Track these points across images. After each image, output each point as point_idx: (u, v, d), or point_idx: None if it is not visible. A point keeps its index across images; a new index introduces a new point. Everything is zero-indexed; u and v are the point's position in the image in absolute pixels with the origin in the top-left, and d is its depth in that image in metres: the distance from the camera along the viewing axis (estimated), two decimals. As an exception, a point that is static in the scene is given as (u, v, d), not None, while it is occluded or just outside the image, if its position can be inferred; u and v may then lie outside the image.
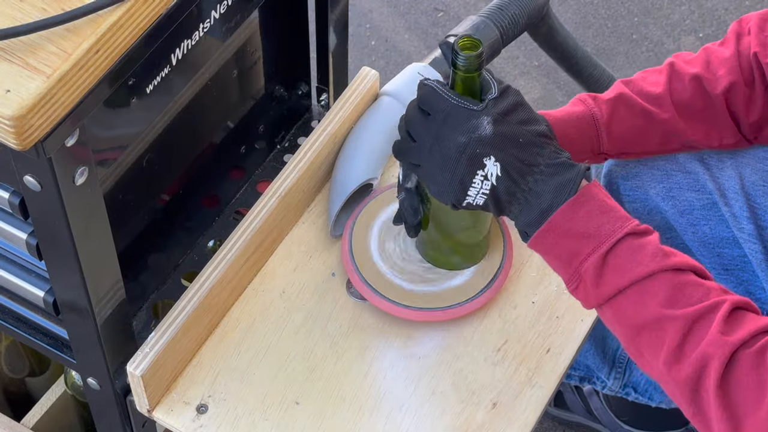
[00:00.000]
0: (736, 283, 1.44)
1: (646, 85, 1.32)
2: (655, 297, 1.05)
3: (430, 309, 1.28)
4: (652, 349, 1.06)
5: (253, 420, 1.23)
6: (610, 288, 1.06)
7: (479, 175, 1.09)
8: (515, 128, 1.09)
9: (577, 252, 1.07)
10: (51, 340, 1.26)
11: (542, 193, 1.08)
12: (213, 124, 1.38)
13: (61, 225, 1.02)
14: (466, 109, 1.09)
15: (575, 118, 1.31)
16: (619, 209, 1.09)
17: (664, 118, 1.32)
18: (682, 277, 1.06)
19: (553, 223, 1.08)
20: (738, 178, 1.39)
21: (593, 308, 1.10)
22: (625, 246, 1.06)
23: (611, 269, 1.06)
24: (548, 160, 1.08)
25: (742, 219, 1.38)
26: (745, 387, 1.01)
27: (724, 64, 1.32)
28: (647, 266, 1.05)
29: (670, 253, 1.07)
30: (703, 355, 1.03)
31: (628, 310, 1.06)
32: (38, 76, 0.91)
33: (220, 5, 1.13)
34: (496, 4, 1.60)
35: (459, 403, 1.25)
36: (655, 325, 1.05)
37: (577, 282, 1.08)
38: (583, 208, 1.07)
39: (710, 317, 1.04)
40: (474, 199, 1.10)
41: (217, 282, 1.25)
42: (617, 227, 1.07)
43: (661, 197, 1.43)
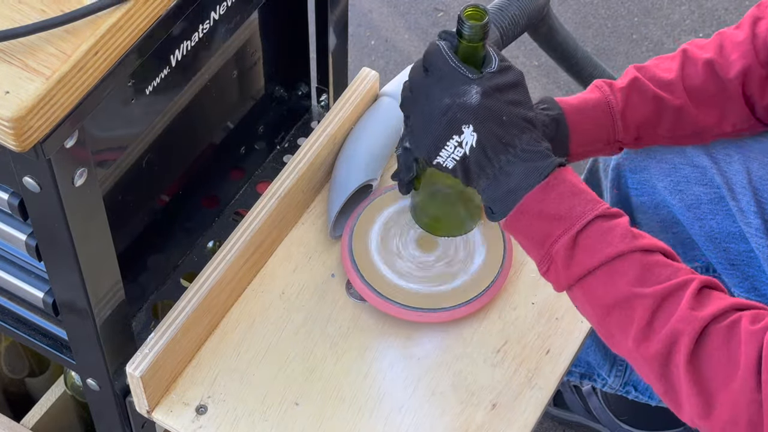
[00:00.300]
0: (742, 278, 1.44)
1: (659, 71, 1.33)
2: (625, 276, 1.06)
3: (429, 310, 1.28)
4: (621, 328, 1.07)
5: (253, 421, 1.23)
6: (580, 268, 1.07)
7: (454, 140, 1.10)
8: (502, 106, 1.10)
9: (549, 233, 1.08)
10: (50, 341, 1.26)
11: (511, 174, 1.09)
12: (213, 125, 1.38)
13: (61, 226, 1.02)
14: (461, 74, 1.10)
15: (591, 106, 1.31)
16: (590, 192, 1.10)
17: (675, 105, 1.32)
18: (651, 257, 1.07)
19: (526, 204, 1.09)
20: (746, 173, 1.39)
21: (564, 290, 1.11)
22: (596, 227, 1.07)
23: (581, 250, 1.07)
24: (525, 144, 1.09)
25: (750, 214, 1.39)
26: (716, 362, 1.02)
27: (738, 47, 1.32)
28: (617, 247, 1.06)
29: (638, 234, 1.08)
30: (672, 331, 1.03)
31: (598, 290, 1.07)
32: (37, 77, 0.91)
33: (219, 6, 1.13)
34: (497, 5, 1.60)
35: (458, 404, 1.25)
36: (625, 304, 1.06)
37: (548, 263, 1.09)
38: (555, 191, 1.08)
39: (679, 294, 1.04)
40: (444, 161, 1.11)
41: (217, 283, 1.25)
42: (588, 209, 1.08)
43: (668, 191, 1.43)
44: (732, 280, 1.45)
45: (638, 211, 1.47)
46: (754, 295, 1.44)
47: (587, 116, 1.30)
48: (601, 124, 1.31)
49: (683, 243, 1.47)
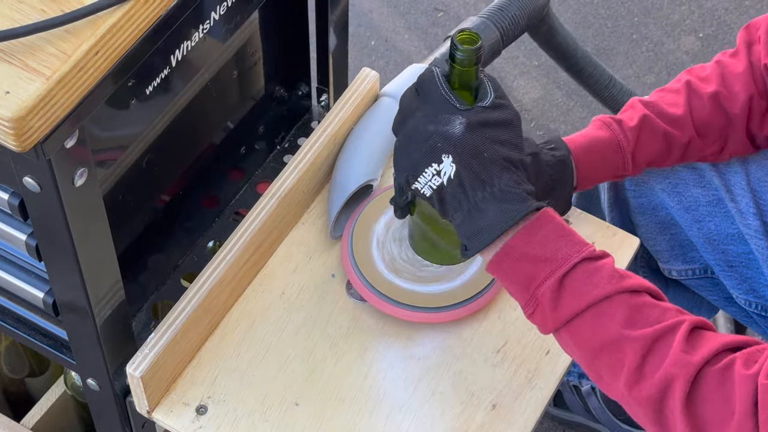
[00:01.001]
0: (741, 280, 1.44)
1: (667, 107, 1.33)
2: (613, 318, 1.05)
3: (430, 310, 1.28)
4: (611, 371, 1.06)
5: (253, 421, 1.23)
6: (567, 311, 1.06)
7: (433, 167, 1.09)
8: (484, 142, 1.08)
9: (534, 276, 1.07)
10: (50, 341, 1.25)
11: (485, 211, 1.07)
12: (213, 125, 1.38)
13: (61, 226, 1.02)
14: (449, 103, 1.09)
15: (601, 146, 1.30)
16: (576, 234, 1.09)
17: (684, 141, 1.32)
18: (639, 298, 1.06)
19: (510, 246, 1.07)
20: (744, 174, 1.39)
21: (550, 333, 1.09)
22: (582, 269, 1.06)
23: (568, 292, 1.06)
24: (504, 185, 1.08)
25: (748, 215, 1.39)
26: (711, 404, 1.02)
27: (739, 78, 1.32)
28: (603, 288, 1.05)
29: (625, 275, 1.07)
30: (666, 376, 1.02)
31: (585, 333, 1.06)
32: (37, 77, 0.91)
33: (219, 6, 1.13)
34: (497, 5, 1.60)
35: (458, 405, 1.25)
36: (614, 347, 1.05)
37: (534, 306, 1.08)
38: (540, 232, 1.07)
39: (670, 337, 1.04)
40: (422, 188, 1.10)
41: (217, 283, 1.25)
42: (574, 251, 1.07)
43: (666, 193, 1.43)
44: (730, 281, 1.45)
45: (636, 212, 1.47)
46: (752, 297, 1.44)
47: (596, 156, 1.30)
48: (610, 163, 1.31)
49: (681, 245, 1.47)
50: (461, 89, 1.10)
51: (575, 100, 2.38)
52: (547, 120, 2.35)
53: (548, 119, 2.35)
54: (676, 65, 2.43)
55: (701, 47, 2.46)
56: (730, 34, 2.48)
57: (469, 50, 1.09)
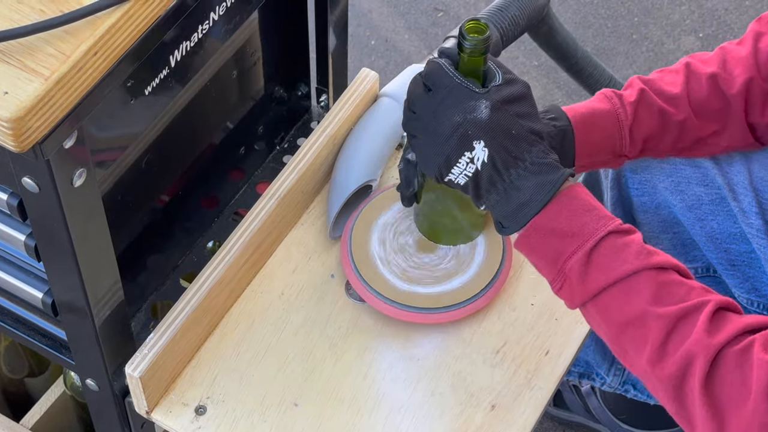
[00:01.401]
0: (743, 279, 1.44)
1: (664, 85, 1.33)
2: (640, 294, 1.06)
3: (429, 311, 1.28)
4: (635, 347, 1.07)
5: (252, 421, 1.23)
6: (594, 285, 1.07)
7: (466, 156, 1.09)
8: (511, 119, 1.09)
9: (562, 251, 1.08)
10: (50, 341, 1.25)
11: (522, 188, 1.09)
12: (212, 125, 1.38)
13: (60, 226, 1.02)
14: (468, 89, 1.09)
15: (600, 118, 1.30)
16: (602, 208, 1.09)
17: (679, 119, 1.32)
18: (666, 275, 1.07)
19: (537, 223, 1.08)
20: (747, 173, 1.39)
21: (577, 307, 1.10)
22: (609, 244, 1.07)
23: (596, 267, 1.07)
24: (535, 157, 1.09)
25: (751, 214, 1.39)
26: (729, 385, 1.02)
27: (740, 62, 1.32)
28: (632, 264, 1.06)
29: (653, 252, 1.08)
30: (687, 354, 1.03)
31: (612, 308, 1.07)
32: (36, 78, 0.91)
33: (219, 6, 1.13)
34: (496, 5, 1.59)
35: (458, 405, 1.25)
36: (640, 323, 1.06)
37: (561, 281, 1.09)
38: (567, 208, 1.08)
39: (695, 316, 1.04)
40: (456, 178, 1.11)
41: (216, 283, 1.25)
42: (600, 225, 1.07)
43: (669, 191, 1.43)
44: (732, 280, 1.45)
45: (639, 211, 1.47)
46: (754, 296, 1.44)
47: (595, 127, 1.30)
48: (609, 135, 1.31)
49: (684, 243, 1.47)
50: (471, 76, 1.11)
51: (575, 100, 2.38)
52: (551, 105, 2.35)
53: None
54: (676, 65, 2.43)
55: (701, 47, 2.46)
56: (730, 34, 2.48)
57: (478, 39, 1.10)
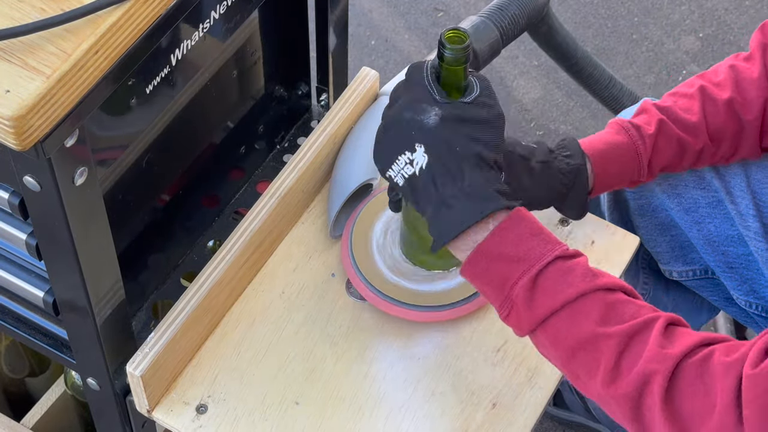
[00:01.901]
0: (741, 281, 1.44)
1: (681, 113, 1.32)
2: (588, 316, 1.04)
3: (429, 309, 1.28)
4: (588, 370, 1.05)
5: (253, 420, 1.23)
6: (542, 310, 1.06)
7: (406, 155, 1.09)
8: (458, 137, 1.08)
9: (508, 276, 1.06)
10: (51, 340, 1.26)
11: (452, 207, 1.07)
12: (213, 124, 1.38)
13: (61, 225, 1.02)
14: (428, 93, 1.09)
15: (619, 152, 1.29)
16: (549, 233, 1.08)
17: (697, 148, 1.32)
18: (613, 296, 1.05)
19: (483, 247, 1.07)
20: (744, 176, 1.39)
21: (526, 334, 1.09)
22: (555, 268, 1.06)
23: (542, 292, 1.05)
24: (473, 181, 1.07)
25: (748, 217, 1.38)
26: (691, 397, 1.00)
27: (754, 84, 1.31)
28: (578, 287, 1.05)
29: (599, 273, 1.07)
30: (644, 372, 1.02)
31: (561, 332, 1.05)
32: (38, 76, 0.91)
33: (219, 5, 1.13)
34: (496, 5, 1.60)
35: (458, 404, 1.25)
36: (590, 345, 1.04)
37: (509, 308, 1.07)
38: (513, 232, 1.07)
39: (646, 333, 1.03)
40: (395, 176, 1.10)
41: (217, 282, 1.25)
42: (547, 250, 1.06)
43: (666, 194, 1.43)
44: (731, 283, 1.45)
45: (636, 214, 1.47)
46: (753, 298, 1.44)
47: (614, 161, 1.29)
48: (627, 169, 1.30)
49: (681, 246, 1.47)
50: (450, 88, 1.10)
51: (575, 100, 2.38)
52: (547, 120, 2.35)
53: (548, 119, 2.35)
54: (676, 65, 2.43)
55: (701, 47, 2.46)
56: (730, 34, 2.48)
57: (457, 49, 1.08)
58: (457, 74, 1.09)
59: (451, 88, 1.10)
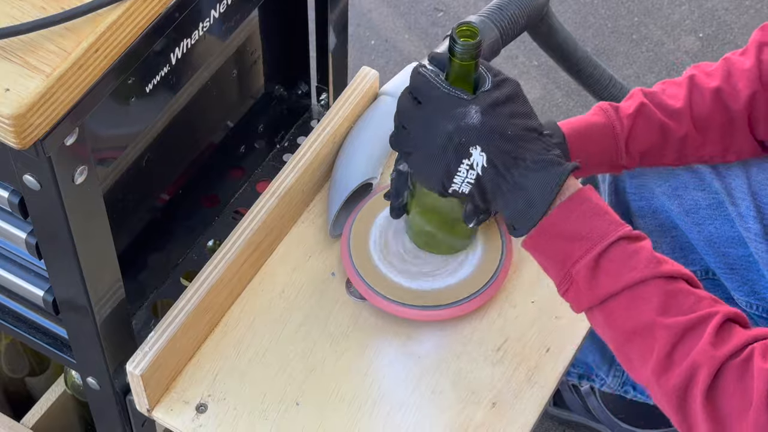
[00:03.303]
0: (741, 282, 1.44)
1: (666, 98, 1.32)
2: (648, 303, 1.05)
3: (429, 308, 1.28)
4: (641, 356, 1.06)
5: (253, 419, 1.23)
6: (602, 291, 1.06)
7: (465, 164, 1.09)
8: (504, 120, 1.08)
9: (570, 253, 1.07)
10: (50, 340, 1.26)
11: (527, 187, 1.08)
12: (212, 124, 1.38)
13: (61, 224, 1.02)
14: (456, 97, 1.09)
15: (595, 131, 1.30)
16: (613, 213, 1.08)
17: (680, 134, 1.32)
18: (675, 285, 1.06)
19: (546, 224, 1.08)
20: (745, 178, 1.39)
21: (583, 311, 1.10)
22: (619, 250, 1.06)
23: (604, 272, 1.06)
24: (535, 155, 1.08)
25: (749, 218, 1.38)
26: (731, 396, 1.02)
27: (744, 75, 1.31)
28: (641, 272, 1.05)
29: (662, 260, 1.07)
30: (692, 365, 1.03)
31: (619, 315, 1.06)
32: (38, 75, 0.91)
33: (219, 5, 1.13)
34: (496, 4, 1.60)
35: (458, 403, 1.25)
36: (646, 332, 1.05)
37: (568, 284, 1.08)
38: (577, 210, 1.07)
39: (701, 328, 1.04)
40: (460, 187, 1.10)
41: (217, 281, 1.25)
42: (611, 230, 1.07)
43: (666, 196, 1.43)
44: (731, 284, 1.45)
45: (636, 215, 1.47)
46: (754, 299, 1.44)
47: (590, 140, 1.30)
48: (604, 149, 1.30)
49: (682, 247, 1.47)
50: (462, 82, 1.10)
51: (575, 100, 2.38)
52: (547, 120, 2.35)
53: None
54: (676, 65, 2.43)
55: (701, 47, 2.46)
56: (730, 34, 2.48)
57: (469, 44, 1.09)
58: (469, 69, 1.10)
59: (463, 82, 1.10)
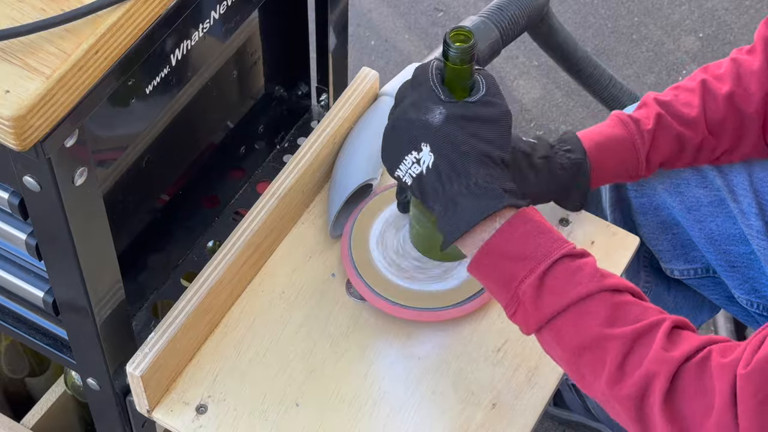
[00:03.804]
0: (742, 280, 1.44)
1: (681, 107, 1.32)
2: (595, 317, 1.05)
3: (429, 309, 1.28)
4: (593, 370, 1.06)
5: (253, 420, 1.23)
6: (549, 309, 1.06)
7: (413, 155, 1.09)
8: (464, 135, 1.08)
9: (515, 274, 1.07)
10: (50, 341, 1.26)
11: (459, 205, 1.07)
12: (213, 125, 1.38)
13: (61, 225, 1.02)
14: (434, 93, 1.09)
15: (616, 145, 1.30)
16: (556, 231, 1.08)
17: (696, 142, 1.32)
18: (620, 297, 1.06)
19: (489, 245, 1.07)
20: (747, 175, 1.39)
21: (533, 333, 1.09)
22: (563, 267, 1.06)
23: (549, 291, 1.06)
24: (480, 180, 1.07)
25: (751, 216, 1.38)
26: (690, 398, 1.01)
27: (755, 76, 1.31)
28: (585, 287, 1.05)
29: (606, 274, 1.07)
30: (646, 373, 1.02)
31: (567, 332, 1.06)
32: (38, 76, 0.91)
33: (219, 6, 1.13)
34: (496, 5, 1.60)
35: (459, 404, 1.25)
36: (596, 346, 1.05)
37: (515, 306, 1.08)
38: (519, 230, 1.07)
39: (651, 335, 1.03)
40: (403, 175, 1.11)
41: (217, 282, 1.25)
42: (554, 248, 1.06)
43: (668, 193, 1.43)
44: (732, 282, 1.45)
45: (638, 212, 1.47)
46: (754, 297, 1.44)
47: (611, 154, 1.29)
48: (625, 162, 1.30)
49: (683, 244, 1.47)
50: (455, 87, 1.10)
51: (575, 100, 2.38)
52: (547, 120, 2.35)
53: (548, 119, 2.35)
54: (676, 65, 2.43)
55: (701, 47, 2.46)
56: (730, 34, 2.48)
57: (462, 48, 1.08)
58: (462, 73, 1.10)
59: (456, 87, 1.10)
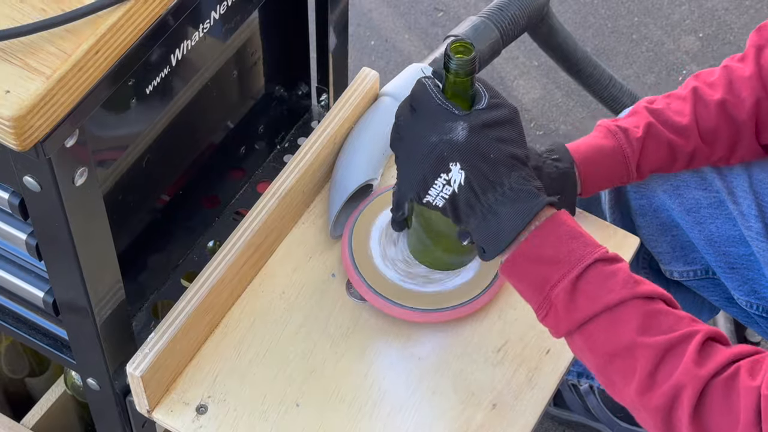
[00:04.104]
0: (742, 282, 1.44)
1: (672, 115, 1.32)
2: (628, 324, 1.05)
3: (430, 310, 1.28)
4: (623, 377, 1.06)
5: (253, 420, 1.23)
6: (581, 314, 1.06)
7: (442, 178, 1.08)
8: (489, 143, 1.08)
9: (547, 278, 1.06)
10: (50, 341, 1.26)
11: (499, 213, 1.07)
12: (213, 125, 1.38)
13: (61, 225, 1.02)
14: (447, 110, 1.08)
15: (605, 156, 1.30)
16: (588, 236, 1.08)
17: (688, 150, 1.32)
18: (653, 305, 1.06)
19: (522, 249, 1.07)
20: (746, 176, 1.39)
21: (563, 336, 1.09)
22: (596, 272, 1.06)
23: (582, 295, 1.06)
24: (514, 183, 1.07)
25: (750, 217, 1.38)
26: (717, 414, 1.02)
27: (746, 83, 1.32)
28: (619, 293, 1.05)
29: (640, 281, 1.07)
30: (676, 385, 1.03)
31: (599, 337, 1.06)
32: (38, 76, 0.91)
33: (219, 6, 1.13)
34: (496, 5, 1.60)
35: (459, 404, 1.25)
36: (627, 353, 1.05)
37: (547, 309, 1.08)
38: (553, 234, 1.07)
39: (683, 347, 1.04)
40: (434, 200, 1.10)
41: (217, 282, 1.25)
42: (587, 252, 1.06)
43: (667, 195, 1.43)
44: (731, 283, 1.45)
45: (637, 214, 1.47)
46: (754, 298, 1.44)
47: (601, 165, 1.30)
48: (615, 172, 1.31)
49: (682, 246, 1.47)
50: (457, 98, 1.10)
51: (575, 100, 2.38)
52: (547, 120, 2.35)
53: (548, 119, 2.35)
54: (676, 65, 2.43)
55: (701, 47, 2.46)
56: (730, 34, 2.48)
57: (464, 60, 1.08)
58: (465, 85, 1.10)
59: (461, 98, 1.10)
